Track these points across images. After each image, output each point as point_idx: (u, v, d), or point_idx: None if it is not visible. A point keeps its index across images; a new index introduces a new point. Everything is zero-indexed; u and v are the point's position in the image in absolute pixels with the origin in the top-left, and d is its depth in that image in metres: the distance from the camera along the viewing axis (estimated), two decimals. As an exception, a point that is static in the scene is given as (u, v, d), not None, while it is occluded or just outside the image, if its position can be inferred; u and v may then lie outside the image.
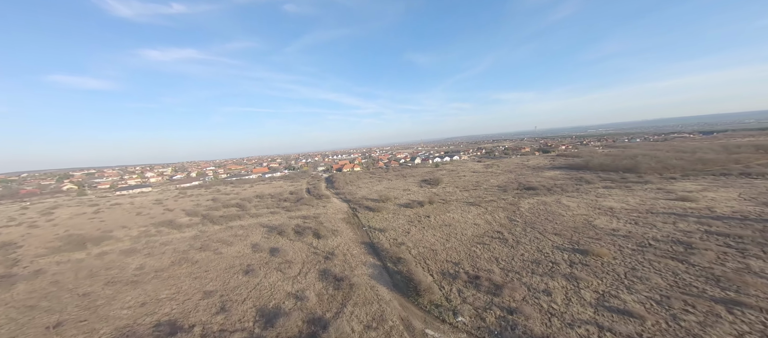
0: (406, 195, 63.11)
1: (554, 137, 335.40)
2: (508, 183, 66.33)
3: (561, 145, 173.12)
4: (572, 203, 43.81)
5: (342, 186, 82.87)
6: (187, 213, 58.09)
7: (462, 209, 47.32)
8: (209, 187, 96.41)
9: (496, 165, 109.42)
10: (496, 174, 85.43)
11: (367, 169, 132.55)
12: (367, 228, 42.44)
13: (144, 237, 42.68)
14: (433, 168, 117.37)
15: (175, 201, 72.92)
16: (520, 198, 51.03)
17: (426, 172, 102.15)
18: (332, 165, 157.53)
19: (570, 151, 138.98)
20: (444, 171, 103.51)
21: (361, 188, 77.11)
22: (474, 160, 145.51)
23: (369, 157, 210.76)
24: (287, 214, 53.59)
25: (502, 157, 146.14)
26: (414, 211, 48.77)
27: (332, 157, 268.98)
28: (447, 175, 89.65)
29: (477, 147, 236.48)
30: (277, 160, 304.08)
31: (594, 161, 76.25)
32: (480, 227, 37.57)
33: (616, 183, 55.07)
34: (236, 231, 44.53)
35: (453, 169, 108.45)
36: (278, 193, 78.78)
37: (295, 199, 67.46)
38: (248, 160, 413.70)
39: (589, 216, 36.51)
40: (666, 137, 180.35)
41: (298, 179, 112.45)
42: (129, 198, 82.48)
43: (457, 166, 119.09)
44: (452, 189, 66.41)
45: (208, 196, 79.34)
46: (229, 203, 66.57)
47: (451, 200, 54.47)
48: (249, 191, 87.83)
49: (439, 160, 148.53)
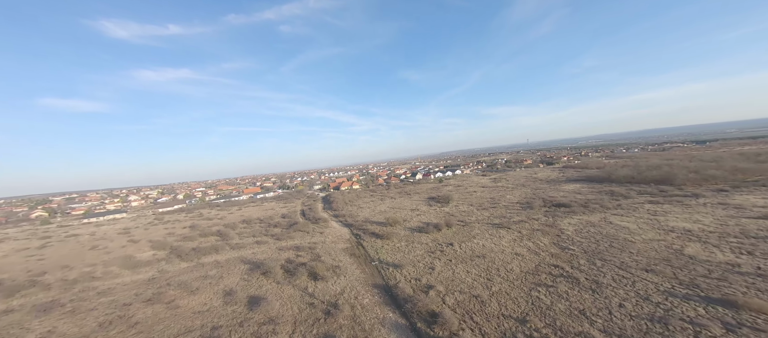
0: (415, 216, 54.00)
1: (548, 149, 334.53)
2: (528, 199, 58.05)
3: (562, 157, 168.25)
4: (628, 223, 35.42)
5: (341, 207, 73.27)
6: (154, 245, 47.41)
7: (490, 233, 38.37)
8: (191, 211, 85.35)
9: (504, 178, 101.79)
10: (508, 188, 77.39)
11: (367, 186, 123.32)
12: (377, 262, 32.89)
13: (81, 283, 32.04)
14: (437, 183, 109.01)
15: (145, 230, 61.84)
16: (554, 217, 42.50)
17: (431, 188, 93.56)
18: (329, 183, 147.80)
19: (574, 163, 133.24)
20: (450, 186, 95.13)
21: (362, 209, 67.67)
22: (477, 173, 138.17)
23: (367, 174, 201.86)
24: (277, 244, 43.62)
25: (506, 170, 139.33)
26: (431, 237, 39.55)
27: (329, 175, 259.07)
28: (455, 191, 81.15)
29: (476, 160, 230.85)
30: (271, 179, 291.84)
31: (616, 173, 69.08)
32: (525, 258, 28.56)
33: (659, 198, 47.28)
34: (208, 270, 34.34)
35: (459, 184, 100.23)
36: (268, 217, 68.59)
37: (287, 224, 57.49)
38: (242, 179, 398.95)
39: (668, 242, 28.00)
40: (663, 147, 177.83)
41: (292, 200, 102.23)
42: (94, 227, 70.80)
43: (462, 180, 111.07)
44: (467, 207, 57.66)
45: (187, 222, 68.48)
46: (208, 231, 56.09)
47: (471, 221, 45.56)
48: (235, 215, 77.25)
49: (441, 175, 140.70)
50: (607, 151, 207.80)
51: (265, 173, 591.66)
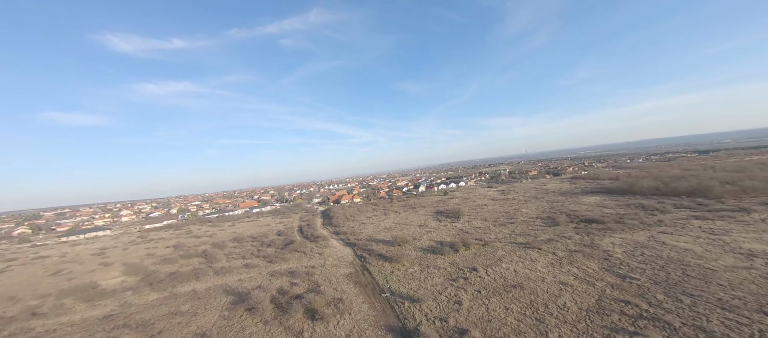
0: (425, 233, 47.92)
1: (547, 159, 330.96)
2: (549, 214, 52.31)
3: (567, 168, 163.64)
4: (686, 244, 29.65)
5: (342, 222, 67.00)
6: (127, 269, 40.76)
7: (518, 255, 32.40)
8: (180, 228, 78.56)
9: (513, 190, 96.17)
10: (520, 201, 71.66)
11: (368, 200, 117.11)
12: (388, 294, 26.69)
13: (16, 323, 25.45)
14: (442, 196, 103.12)
15: (123, 251, 55.04)
16: (589, 235, 36.66)
17: (436, 202, 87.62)
18: (329, 196, 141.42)
19: (581, 174, 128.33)
20: (456, 199, 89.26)
21: (365, 225, 61.46)
22: (482, 185, 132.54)
23: (368, 186, 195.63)
24: (269, 268, 37.25)
25: (511, 181, 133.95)
26: (448, 260, 33.48)
27: (328, 187, 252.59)
28: (463, 205, 75.27)
29: (478, 172, 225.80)
30: (269, 192, 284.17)
31: (639, 184, 63.77)
32: (578, 290, 22.58)
33: (703, 213, 41.70)
34: (181, 303, 27.92)
35: (466, 196, 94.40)
36: (262, 234, 62.11)
37: (282, 243, 51.11)
38: (240, 192, 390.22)
39: (763, 271, 22.20)
40: (668, 157, 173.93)
41: (289, 214, 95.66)
42: (69, 247, 63.76)
43: (468, 192, 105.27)
44: (481, 223, 51.70)
45: (172, 241, 61.78)
46: (192, 251, 49.55)
47: (491, 240, 39.57)
48: (227, 231, 70.60)
49: (445, 187, 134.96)
50: (610, 161, 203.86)
51: (263, 186, 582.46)
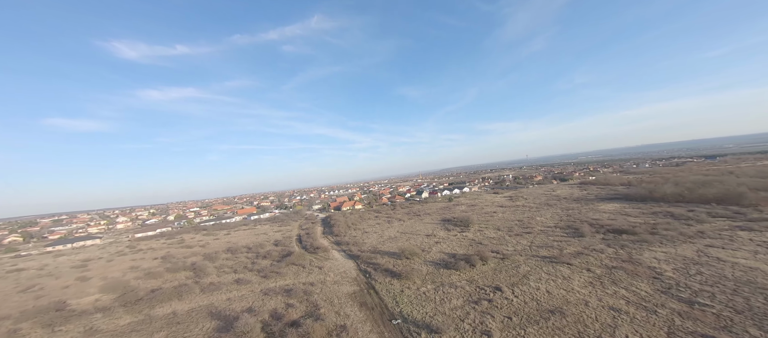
0: (434, 244, 43.69)
1: (549, 164, 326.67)
2: (567, 222, 48.15)
3: (573, 173, 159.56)
4: (747, 261, 25.47)
5: (343, 230, 62.72)
6: (105, 285, 36.47)
7: (546, 272, 28.21)
8: (173, 236, 74.22)
9: (521, 197, 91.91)
10: (532, 208, 67.44)
11: (370, 206, 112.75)
12: (399, 321, 22.45)
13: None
14: (447, 202, 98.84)
15: (107, 263, 50.70)
16: (625, 248, 32.46)
17: (442, 209, 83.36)
18: (329, 202, 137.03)
19: (588, 179, 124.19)
20: (462, 206, 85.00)
21: (368, 234, 57.20)
22: (487, 190, 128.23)
23: (369, 192, 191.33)
24: (262, 285, 33.01)
25: (517, 186, 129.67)
26: (466, 277, 29.28)
27: (329, 193, 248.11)
28: (471, 212, 71.04)
29: (481, 177, 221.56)
30: (269, 198, 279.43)
31: (661, 191, 59.61)
32: (636, 319, 18.36)
33: (744, 222, 37.60)
34: (155, 330, 23.66)
35: (472, 203, 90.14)
36: (259, 244, 57.81)
37: (279, 254, 46.85)
38: (240, 198, 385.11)
39: None
40: (676, 162, 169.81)
41: (288, 222, 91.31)
42: (52, 258, 59.37)
43: (474, 199, 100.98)
44: (494, 232, 47.47)
45: (162, 251, 57.48)
46: (181, 264, 45.27)
47: (510, 253, 35.36)
48: (222, 241, 66.27)
49: (449, 193, 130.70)
50: (615, 166, 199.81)
51: (263, 191, 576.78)
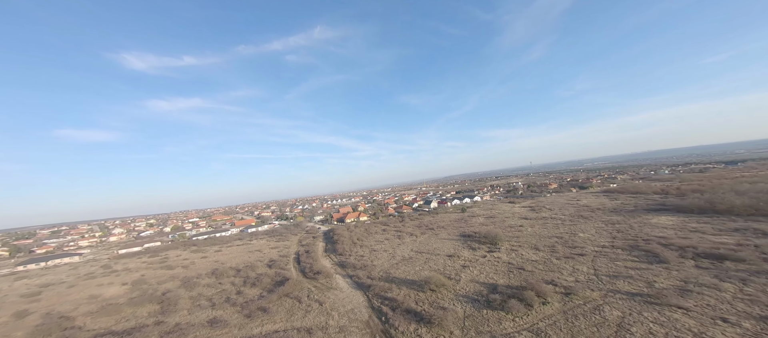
0: (461, 268, 34.84)
1: (559, 171, 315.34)
2: (625, 241, 39.07)
3: (591, 180, 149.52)
4: None
5: (348, 248, 53.95)
6: (42, 325, 27.97)
7: (652, 320, 19.28)
8: (157, 253, 65.90)
9: (543, 207, 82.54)
10: (565, 221, 58.28)
11: (376, 217, 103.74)
12: None
13: None
14: (460, 213, 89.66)
15: (67, 289, 42.19)
16: (748, 283, 23.39)
17: (456, 221, 74.28)
18: (332, 213, 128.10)
19: (611, 186, 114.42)
20: (479, 217, 75.86)
21: (377, 253, 48.38)
22: (500, 199, 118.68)
23: (373, 201, 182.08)
24: (243, 330, 24.37)
25: (533, 195, 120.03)
26: (524, 325, 20.46)
27: (331, 202, 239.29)
28: (492, 225, 62.01)
29: (489, 185, 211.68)
30: (271, 207, 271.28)
31: (725, 201, 50.12)
32: None
33: None
34: None
35: (489, 214, 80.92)
36: (250, 264, 49.21)
37: (271, 281, 38.20)
38: (242, 207, 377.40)
39: None
40: (700, 169, 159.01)
41: (287, 236, 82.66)
42: (12, 281, 51.08)
43: (489, 209, 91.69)
44: (534, 253, 38.45)
45: (138, 273, 49.05)
46: (151, 292, 36.74)
47: (574, 286, 26.41)
48: (210, 259, 57.75)
49: (459, 202, 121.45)
50: (631, 172, 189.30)
51: (266, 200, 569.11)
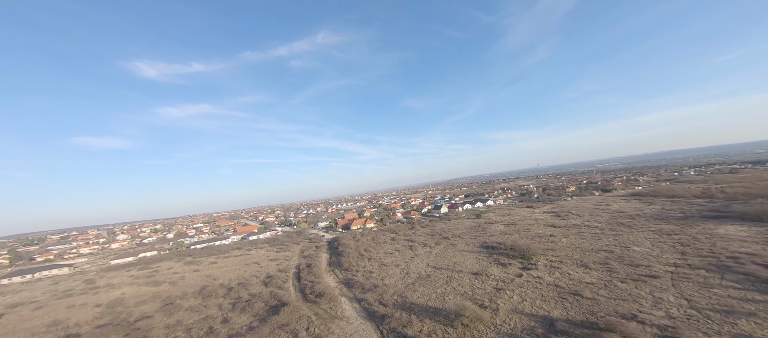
0: (494, 291, 27.97)
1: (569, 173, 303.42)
2: (701, 259, 31.64)
3: (612, 182, 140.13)
4: None
5: (354, 262, 47.42)
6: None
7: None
8: (148, 265, 60.54)
9: (569, 212, 74.69)
10: (602, 229, 50.76)
11: (383, 224, 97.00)
12: None
13: None
14: (475, 219, 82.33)
15: (31, 312, 36.57)
16: None
17: (472, 228, 67.11)
18: (337, 219, 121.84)
19: (636, 189, 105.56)
20: (498, 224, 68.51)
21: (387, 267, 41.74)
22: (516, 204, 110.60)
23: (379, 206, 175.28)
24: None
25: (551, 199, 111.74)
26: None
27: (337, 207, 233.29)
28: (515, 234, 54.84)
29: (499, 188, 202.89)
30: (276, 212, 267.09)
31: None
32: None
33: None
34: None
35: (508, 220, 73.47)
36: (245, 281, 43.12)
37: (265, 306, 31.97)
38: (247, 212, 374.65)
39: None
40: (730, 169, 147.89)
41: (289, 245, 76.63)
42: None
43: (507, 215, 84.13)
44: (583, 272, 31.30)
45: (119, 291, 43.44)
46: (124, 317, 30.85)
47: (672, 328, 19.30)
48: (202, 273, 51.95)
49: (471, 207, 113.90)
50: (651, 174, 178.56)
51: (271, 204, 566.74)
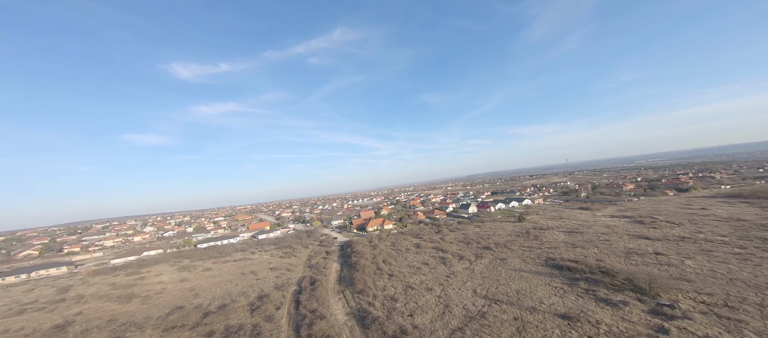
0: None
1: (604, 169, 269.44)
2: None
3: (681, 179, 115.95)
4: None
5: (371, 281, 35.27)
6: None
7: None
8: (139, 270, 53.11)
9: (655, 219, 57.10)
10: (748, 249, 34.26)
11: (402, 224, 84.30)
12: None
13: None
14: (517, 222, 66.96)
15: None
16: None
17: (517, 234, 52.38)
18: (352, 218, 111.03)
19: (728, 189, 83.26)
20: (552, 231, 53.08)
21: (417, 292, 29.15)
22: (560, 203, 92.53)
23: (397, 203, 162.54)
24: None
25: (612, 199, 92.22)
26: None
27: (352, 202, 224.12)
28: (594, 248, 39.64)
29: (530, 185, 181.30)
30: (293, 206, 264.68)
31: None
32: None
33: None
34: None
35: (565, 226, 57.55)
36: (230, 302, 32.87)
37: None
38: (266, 206, 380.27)
39: None
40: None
41: (296, 248, 66.67)
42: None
43: (559, 218, 67.75)
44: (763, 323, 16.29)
45: (85, 305, 35.10)
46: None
47: None
48: (190, 282, 42.84)
49: (504, 206, 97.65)
50: (723, 170, 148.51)
51: (290, 198, 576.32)
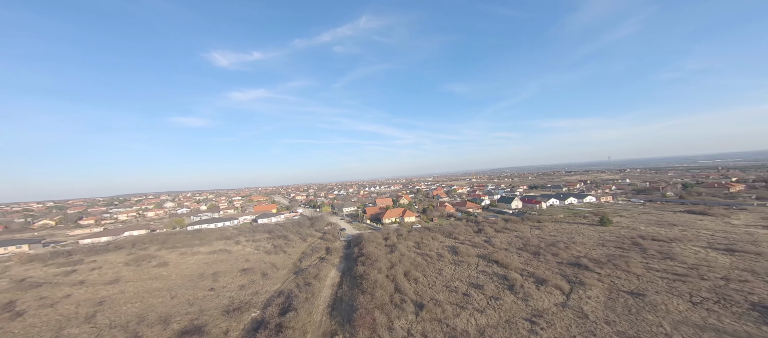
0: None
1: (656, 168, 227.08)
2: None
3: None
4: None
5: (383, 319, 18.67)
6: None
7: None
8: (93, 256, 41.92)
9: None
10: None
11: (427, 217, 66.76)
12: None
13: None
14: (599, 226, 46.56)
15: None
16: None
17: (612, 242, 32.84)
18: (366, 205, 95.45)
19: None
20: (691, 246, 32.64)
21: None
22: (641, 204, 68.85)
23: (417, 192, 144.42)
24: None
25: (729, 203, 67.11)
26: None
27: (369, 189, 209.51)
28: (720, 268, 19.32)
29: (579, 181, 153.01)
30: (310, 190, 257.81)
31: None
32: None
33: None
34: None
35: (696, 236, 36.52)
36: (176, 313, 18.06)
37: None
38: (287, 188, 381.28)
39: None
40: None
41: (292, 241, 52.38)
42: None
43: (668, 224, 46.28)
44: None
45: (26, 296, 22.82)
46: None
47: None
48: (128, 290, 29.60)
49: (558, 203, 75.93)
50: None
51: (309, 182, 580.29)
